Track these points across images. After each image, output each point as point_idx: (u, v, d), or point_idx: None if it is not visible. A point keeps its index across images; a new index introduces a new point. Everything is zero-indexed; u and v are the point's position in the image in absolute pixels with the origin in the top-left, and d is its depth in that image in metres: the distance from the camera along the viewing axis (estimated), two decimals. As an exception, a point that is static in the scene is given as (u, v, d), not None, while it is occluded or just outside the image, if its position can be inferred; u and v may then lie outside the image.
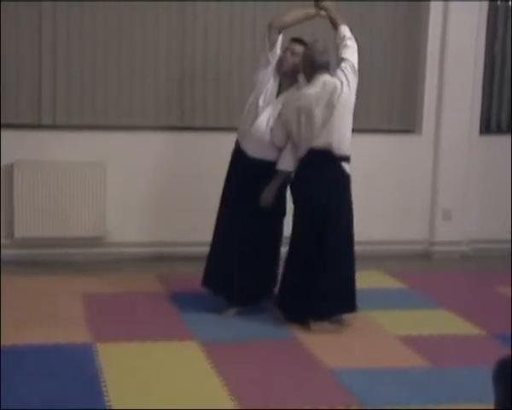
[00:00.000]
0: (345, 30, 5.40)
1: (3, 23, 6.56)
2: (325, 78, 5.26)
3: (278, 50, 5.48)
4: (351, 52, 5.34)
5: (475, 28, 7.37)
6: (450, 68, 7.37)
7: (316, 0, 5.50)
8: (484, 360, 4.41)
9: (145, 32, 6.86)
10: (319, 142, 5.25)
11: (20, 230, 6.70)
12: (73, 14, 6.69)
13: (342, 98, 5.22)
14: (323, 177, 5.30)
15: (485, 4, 7.43)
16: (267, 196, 5.46)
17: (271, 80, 5.49)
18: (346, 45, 5.35)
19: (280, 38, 5.47)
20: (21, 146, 6.70)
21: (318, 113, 5.22)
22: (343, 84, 5.23)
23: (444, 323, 5.71)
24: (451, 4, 7.26)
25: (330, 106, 5.21)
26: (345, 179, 5.35)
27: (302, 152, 5.33)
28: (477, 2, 7.32)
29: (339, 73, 5.26)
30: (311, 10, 5.53)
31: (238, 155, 5.61)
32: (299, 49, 5.42)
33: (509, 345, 5.00)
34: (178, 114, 7.00)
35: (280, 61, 5.48)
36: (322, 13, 5.51)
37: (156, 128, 6.98)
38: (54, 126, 6.79)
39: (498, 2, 7.55)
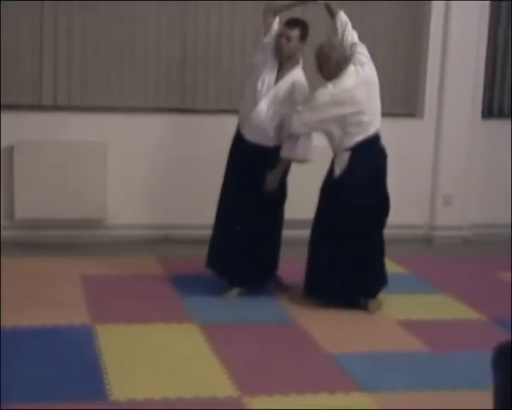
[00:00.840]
0: (344, 16, 5.46)
1: (4, 5, 6.52)
2: (352, 67, 5.28)
3: (274, 33, 5.45)
4: (356, 36, 5.45)
5: (478, 13, 7.33)
6: (452, 52, 7.34)
7: None
8: (484, 345, 4.38)
9: (147, 14, 6.82)
10: (374, 126, 5.33)
11: (21, 211, 6.68)
12: (75, -4, 6.67)
13: (372, 78, 5.36)
14: (378, 167, 5.41)
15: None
16: (272, 181, 5.47)
17: (270, 63, 5.47)
18: (349, 30, 5.44)
19: (276, 20, 5.46)
20: (22, 127, 6.67)
21: (365, 99, 5.28)
22: (367, 65, 5.34)
23: (444, 308, 5.71)
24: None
25: (368, 89, 5.30)
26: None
27: (346, 145, 5.30)
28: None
29: (358, 57, 5.33)
30: None
31: (238, 138, 5.61)
32: (294, 33, 5.39)
33: (509, 331, 5.00)
34: (179, 96, 6.97)
35: (278, 47, 5.45)
36: (318, 1, 5.51)
37: (157, 110, 6.96)
38: (54, 107, 6.76)
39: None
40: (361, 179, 5.33)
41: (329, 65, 5.28)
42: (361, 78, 5.30)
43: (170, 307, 5.42)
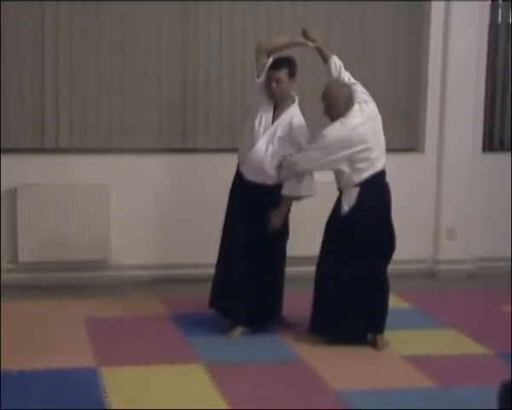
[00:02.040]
0: (337, 59, 5.55)
1: (5, 47, 6.58)
2: (356, 106, 5.33)
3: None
4: (351, 77, 5.53)
5: (476, 46, 7.38)
6: (452, 86, 7.38)
7: (303, 30, 5.56)
8: (490, 380, 4.37)
9: (147, 55, 6.88)
10: (381, 162, 5.38)
11: (24, 254, 6.69)
12: (75, 39, 6.71)
13: (375, 114, 5.44)
14: (385, 202, 5.45)
15: (486, 23, 7.44)
16: (277, 220, 5.50)
17: (265, 103, 5.51)
18: (344, 72, 5.53)
19: (269, 61, 5.50)
20: (24, 170, 6.70)
21: (372, 135, 5.33)
22: (369, 102, 5.42)
23: (450, 342, 5.69)
24: (452, 23, 7.28)
25: (373, 125, 5.39)
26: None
27: (355, 181, 5.33)
28: (477, 21, 7.33)
29: (360, 95, 5.41)
30: (299, 39, 5.56)
31: (238, 177, 5.65)
32: (282, 74, 5.42)
33: (516, 364, 4.98)
34: (181, 136, 7.01)
35: (269, 90, 5.47)
36: (310, 44, 5.55)
37: (159, 150, 6.99)
38: (56, 150, 6.80)
39: (499, 21, 7.57)
40: (369, 215, 5.35)
41: (339, 104, 5.30)
42: (366, 114, 5.35)
43: (174, 347, 5.40)
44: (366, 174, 5.32)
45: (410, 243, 7.34)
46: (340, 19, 7.20)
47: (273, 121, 5.49)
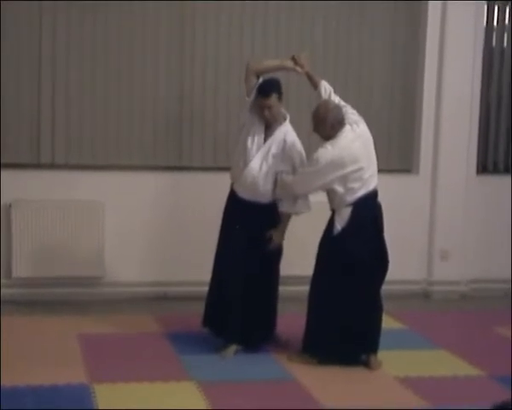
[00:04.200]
0: (326, 84, 5.63)
1: (3, 61, 6.60)
2: (347, 127, 5.38)
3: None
4: (341, 101, 5.58)
5: (471, 70, 7.43)
6: (446, 108, 7.42)
7: (293, 56, 5.64)
8: (483, 401, 4.38)
9: (144, 72, 6.91)
10: (373, 181, 5.42)
11: (19, 269, 6.69)
12: (72, 55, 6.74)
13: (367, 134, 5.48)
14: (378, 222, 5.48)
15: (481, 47, 7.49)
16: (277, 239, 5.54)
17: (256, 122, 5.53)
18: (334, 96, 5.60)
19: (259, 81, 5.53)
20: (20, 185, 6.70)
21: (364, 154, 5.38)
22: (360, 122, 5.47)
23: (443, 364, 5.69)
24: (447, 46, 7.32)
25: (365, 145, 5.42)
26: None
27: (348, 201, 5.35)
28: (472, 45, 7.38)
29: (351, 117, 5.46)
30: (288, 63, 5.64)
31: (232, 196, 5.67)
32: (272, 101, 5.46)
33: (509, 387, 4.98)
34: (176, 154, 7.03)
35: (262, 117, 5.50)
36: (298, 69, 5.63)
37: (154, 168, 7.00)
38: (52, 166, 6.81)
39: (493, 45, 7.61)
40: (362, 234, 5.36)
41: (325, 126, 5.35)
42: (356, 133, 5.39)
43: (168, 365, 5.39)
44: (360, 194, 5.35)
45: (405, 264, 7.36)
46: (336, 42, 7.24)
47: (265, 140, 5.53)
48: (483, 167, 7.76)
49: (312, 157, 5.37)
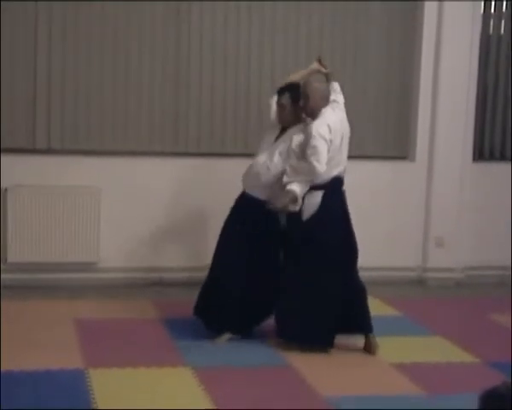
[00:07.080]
0: (338, 85, 5.71)
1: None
2: (328, 108, 5.45)
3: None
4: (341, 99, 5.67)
5: (468, 57, 7.42)
6: (443, 95, 7.41)
7: (318, 57, 5.85)
8: (478, 388, 4.38)
9: (141, 58, 6.89)
10: (343, 167, 5.46)
11: (14, 254, 6.69)
12: (68, 41, 6.72)
13: (345, 123, 5.56)
14: (345, 206, 5.49)
15: (478, 34, 7.48)
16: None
17: (275, 124, 5.65)
18: (339, 93, 5.67)
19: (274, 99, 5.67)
20: (15, 170, 6.69)
21: (342, 140, 5.46)
22: (341, 110, 5.56)
23: (438, 350, 5.70)
24: (444, 33, 7.32)
25: (342, 132, 5.49)
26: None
27: (324, 178, 5.38)
28: (470, 31, 7.37)
29: (334, 104, 5.54)
30: (315, 65, 5.79)
31: (241, 195, 5.71)
32: (284, 100, 5.57)
33: (503, 373, 4.99)
34: (173, 140, 7.02)
35: (279, 116, 5.63)
36: (323, 69, 5.78)
37: (150, 154, 6.99)
38: (48, 151, 6.80)
39: (490, 32, 7.60)
40: (332, 219, 5.42)
41: (316, 96, 5.43)
42: (339, 116, 5.49)
43: (163, 350, 5.40)
44: (333, 173, 5.41)
45: (400, 251, 7.38)
46: (332, 30, 7.23)
47: (276, 140, 5.62)
48: (479, 154, 7.76)
49: (311, 133, 5.35)
